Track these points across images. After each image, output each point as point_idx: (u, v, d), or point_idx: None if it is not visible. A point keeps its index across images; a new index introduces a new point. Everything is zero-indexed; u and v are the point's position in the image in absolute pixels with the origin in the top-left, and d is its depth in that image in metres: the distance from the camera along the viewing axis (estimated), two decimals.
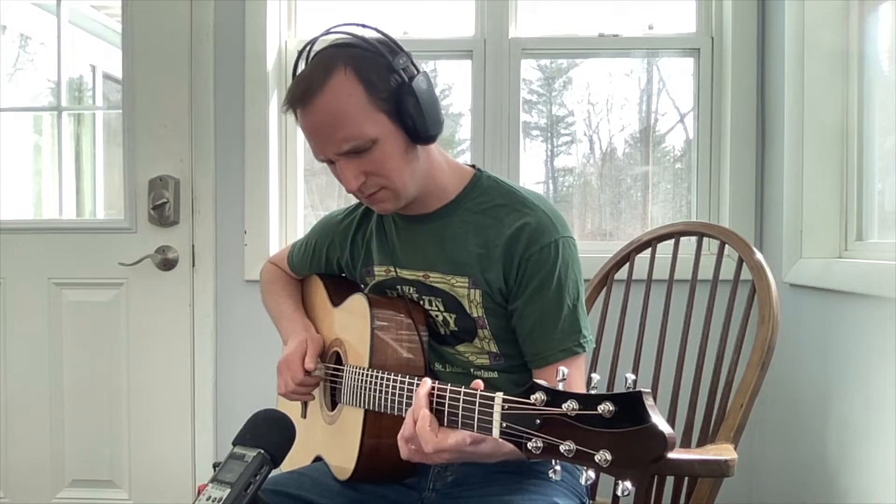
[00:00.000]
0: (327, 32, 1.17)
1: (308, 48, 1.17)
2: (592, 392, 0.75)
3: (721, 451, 1.22)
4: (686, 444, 1.46)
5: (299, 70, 1.17)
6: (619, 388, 0.77)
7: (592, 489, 1.45)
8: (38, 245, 2.20)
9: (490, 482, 1.19)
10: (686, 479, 1.39)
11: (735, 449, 1.27)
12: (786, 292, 1.71)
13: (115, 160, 2.40)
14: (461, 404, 0.91)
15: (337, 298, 1.36)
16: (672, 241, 1.61)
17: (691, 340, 1.50)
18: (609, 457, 0.71)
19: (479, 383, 0.93)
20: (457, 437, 0.93)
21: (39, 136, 2.73)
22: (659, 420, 0.70)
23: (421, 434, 0.93)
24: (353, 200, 1.41)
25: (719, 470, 1.18)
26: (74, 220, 2.40)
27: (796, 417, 1.78)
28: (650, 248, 1.64)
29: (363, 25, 1.15)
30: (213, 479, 0.97)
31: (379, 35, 1.15)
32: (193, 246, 2.15)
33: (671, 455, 0.70)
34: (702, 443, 1.40)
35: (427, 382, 0.96)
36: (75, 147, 2.64)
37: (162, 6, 2.11)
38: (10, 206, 2.40)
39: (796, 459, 1.77)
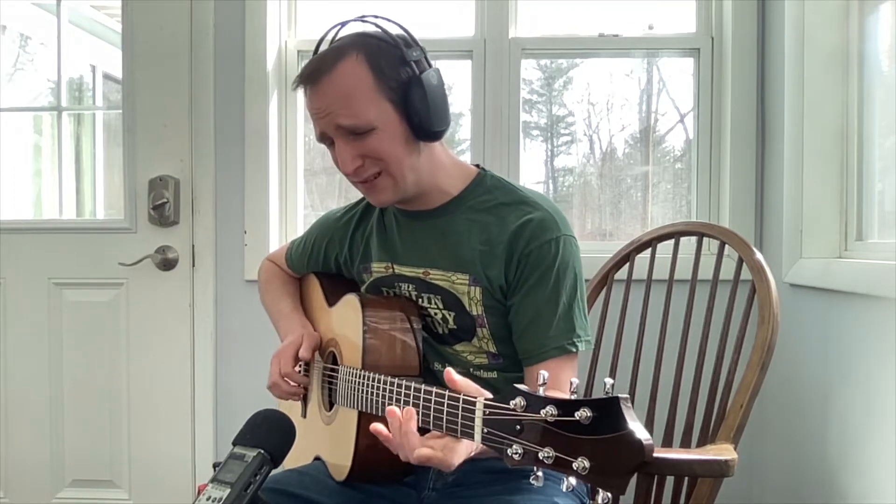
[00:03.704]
0: (345, 23, 1.19)
1: (328, 34, 1.19)
2: (572, 397, 0.74)
3: (721, 451, 1.22)
4: (686, 444, 1.46)
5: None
6: (618, 391, 0.75)
7: (592, 490, 1.45)
8: (38, 245, 2.20)
9: (490, 482, 1.19)
10: (686, 479, 1.39)
11: (735, 449, 1.27)
12: (786, 292, 1.71)
13: (115, 160, 2.40)
14: (445, 409, 0.90)
15: (333, 298, 1.36)
16: (672, 241, 1.61)
17: (691, 340, 1.50)
18: (587, 464, 0.70)
19: (449, 372, 0.91)
20: (466, 448, 0.92)
21: (39, 136, 2.73)
22: (637, 427, 0.68)
23: (441, 463, 0.91)
24: (353, 200, 1.41)
25: (719, 470, 1.18)
26: (74, 220, 2.40)
27: (796, 417, 1.78)
28: (650, 248, 1.64)
29: (385, 19, 1.17)
30: (213, 479, 0.97)
31: (399, 30, 1.17)
32: (193, 246, 2.15)
33: (672, 455, 0.70)
34: (702, 443, 1.40)
35: (409, 412, 0.94)
36: (75, 147, 2.64)
37: (162, 6, 2.11)
38: (10, 206, 2.40)
39: (796, 459, 1.77)
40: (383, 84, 1.12)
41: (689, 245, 1.73)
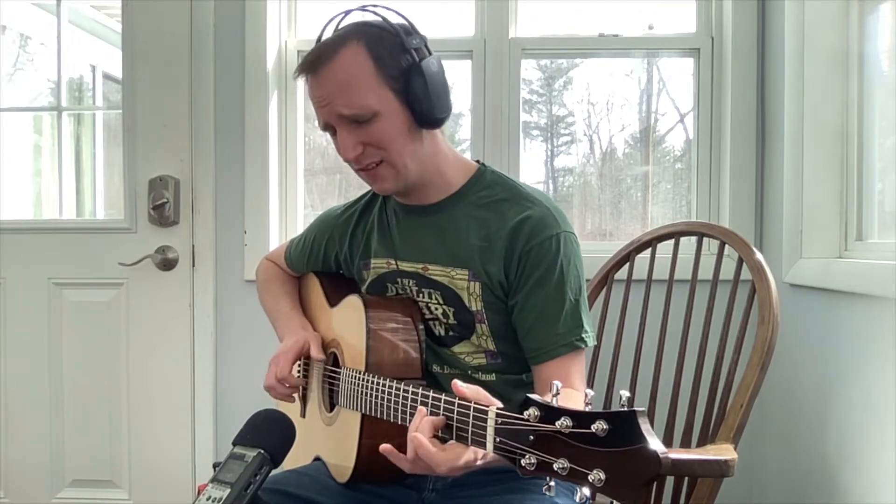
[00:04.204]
0: (348, 12, 1.20)
1: (330, 23, 1.20)
2: (587, 409, 0.74)
3: (721, 451, 1.22)
4: (686, 444, 1.46)
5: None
6: (615, 395, 0.75)
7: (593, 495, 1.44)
8: (38, 245, 2.19)
9: (490, 483, 1.19)
10: (686, 479, 1.39)
11: (735, 449, 1.27)
12: (786, 292, 1.71)
13: (115, 160, 2.40)
14: (455, 416, 0.90)
15: (334, 298, 1.36)
16: (672, 241, 1.61)
17: (691, 340, 1.50)
18: (603, 476, 0.70)
19: (456, 384, 0.91)
20: (468, 455, 0.91)
21: (39, 136, 2.73)
22: (653, 441, 0.69)
23: (428, 458, 0.91)
24: (352, 199, 1.41)
25: (719, 470, 1.18)
26: (74, 220, 2.40)
27: (796, 417, 1.78)
28: (650, 248, 1.64)
29: (387, 8, 1.18)
30: (213, 479, 0.97)
31: (400, 19, 1.18)
32: (193, 246, 2.15)
33: (672, 455, 0.69)
34: (702, 443, 1.40)
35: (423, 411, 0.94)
36: (75, 147, 2.64)
37: (162, 6, 2.11)
38: (10, 206, 2.40)
39: (796, 459, 1.77)
40: (384, 71, 1.13)
41: (689, 245, 1.73)
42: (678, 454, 1.27)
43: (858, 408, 1.47)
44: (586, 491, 0.72)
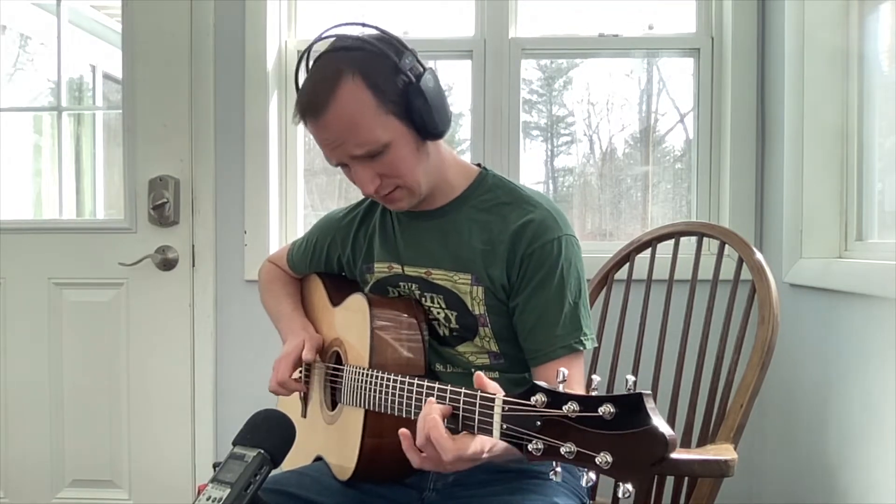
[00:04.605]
0: (324, 36, 1.17)
1: (308, 50, 1.18)
2: (593, 394, 0.75)
3: (721, 451, 1.22)
4: (686, 444, 1.46)
5: (301, 73, 1.18)
6: (619, 390, 0.77)
7: (593, 489, 1.45)
8: (38, 245, 2.19)
9: (491, 482, 1.19)
10: (686, 479, 1.39)
11: (735, 449, 1.27)
12: (786, 292, 1.71)
13: (115, 160, 2.40)
14: (461, 405, 0.91)
15: (337, 298, 1.36)
16: (672, 241, 1.61)
17: (691, 340, 1.51)
18: (610, 459, 0.71)
19: (480, 375, 0.91)
20: (475, 446, 0.92)
21: (39, 136, 2.73)
22: (660, 422, 0.70)
23: (440, 443, 0.90)
24: (353, 200, 1.41)
25: (719, 470, 1.18)
26: (74, 220, 2.39)
27: (796, 417, 1.78)
28: (650, 248, 1.64)
29: (364, 25, 1.15)
30: (213, 479, 0.97)
31: (381, 34, 1.15)
32: (193, 246, 2.15)
33: (672, 455, 0.70)
34: (702, 443, 1.40)
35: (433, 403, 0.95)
36: (75, 147, 2.64)
37: (162, 6, 2.11)
38: (10, 206, 2.40)
39: (796, 459, 1.77)
40: (385, 100, 1.10)
41: (689, 245, 1.73)
42: (678, 454, 1.27)
43: (858, 408, 1.47)
44: (592, 475, 0.73)
